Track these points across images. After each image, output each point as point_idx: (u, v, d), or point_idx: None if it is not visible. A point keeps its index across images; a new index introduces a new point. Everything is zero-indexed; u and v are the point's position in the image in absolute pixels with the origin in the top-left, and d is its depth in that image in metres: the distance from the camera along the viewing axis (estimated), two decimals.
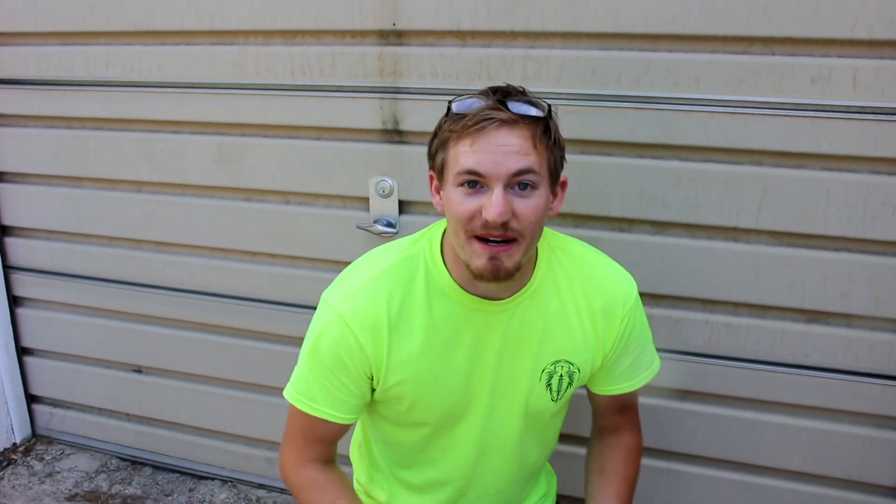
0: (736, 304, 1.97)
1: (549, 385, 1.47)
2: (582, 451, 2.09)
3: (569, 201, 1.80)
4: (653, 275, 1.96)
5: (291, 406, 1.47)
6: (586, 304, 1.46)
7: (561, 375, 1.47)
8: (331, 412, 1.44)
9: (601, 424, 1.68)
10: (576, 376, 1.48)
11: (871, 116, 1.73)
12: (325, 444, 1.51)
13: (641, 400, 2.06)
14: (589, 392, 1.63)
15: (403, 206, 2.13)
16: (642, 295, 1.70)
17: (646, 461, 2.14)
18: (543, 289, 1.44)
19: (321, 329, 1.41)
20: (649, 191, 1.92)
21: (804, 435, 2.02)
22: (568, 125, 1.88)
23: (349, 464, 1.80)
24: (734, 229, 1.90)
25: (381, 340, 1.38)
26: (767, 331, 1.96)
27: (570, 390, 1.51)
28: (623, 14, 1.81)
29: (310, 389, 1.44)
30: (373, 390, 1.46)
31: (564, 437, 1.82)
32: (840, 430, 1.99)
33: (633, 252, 1.61)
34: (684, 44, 1.80)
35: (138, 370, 2.67)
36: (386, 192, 2.10)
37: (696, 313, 2.00)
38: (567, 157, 1.90)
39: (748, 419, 2.04)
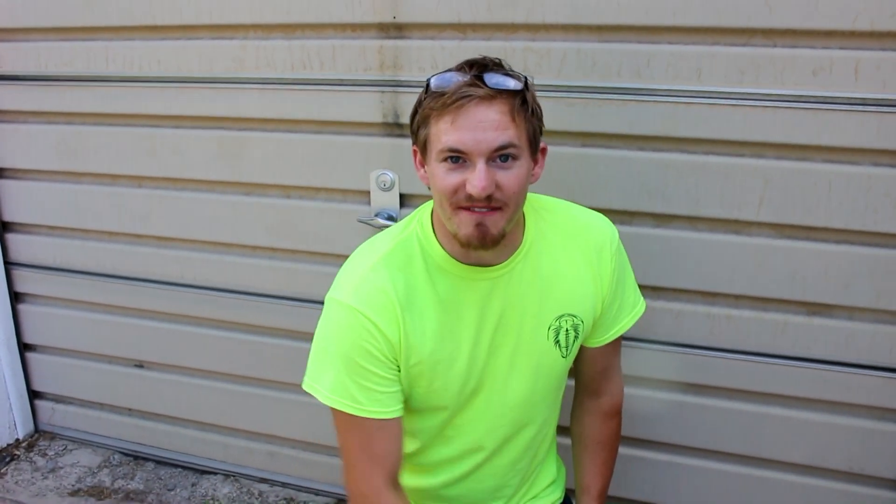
0: (737, 297, 1.97)
1: (557, 341, 1.49)
2: None
3: (570, 193, 1.80)
4: (654, 267, 1.96)
5: (340, 419, 1.42)
6: (581, 254, 1.50)
7: (567, 330, 1.50)
8: (377, 409, 1.41)
9: (583, 386, 1.73)
10: (580, 328, 1.51)
11: (872, 108, 1.72)
12: (390, 456, 1.46)
13: (643, 393, 2.07)
14: (583, 346, 1.63)
15: (404, 200, 2.13)
16: (644, 287, 1.71)
17: (648, 454, 2.16)
18: (535, 249, 1.47)
19: (339, 328, 1.41)
20: (650, 183, 1.91)
21: (806, 427, 2.01)
22: (569, 118, 1.90)
23: None
24: (735, 222, 1.90)
25: (396, 323, 1.40)
26: (769, 323, 1.96)
27: (577, 345, 1.54)
28: (624, 6, 1.80)
29: (350, 392, 1.40)
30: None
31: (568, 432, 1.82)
32: (841, 423, 1.99)
33: (634, 245, 1.61)
34: (685, 36, 1.80)
35: (140, 365, 2.68)
36: (387, 186, 2.10)
37: (698, 306, 2.00)
38: (568, 149, 1.92)
39: (750, 412, 2.04)
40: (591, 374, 1.68)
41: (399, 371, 1.44)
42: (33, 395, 2.93)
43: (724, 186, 1.87)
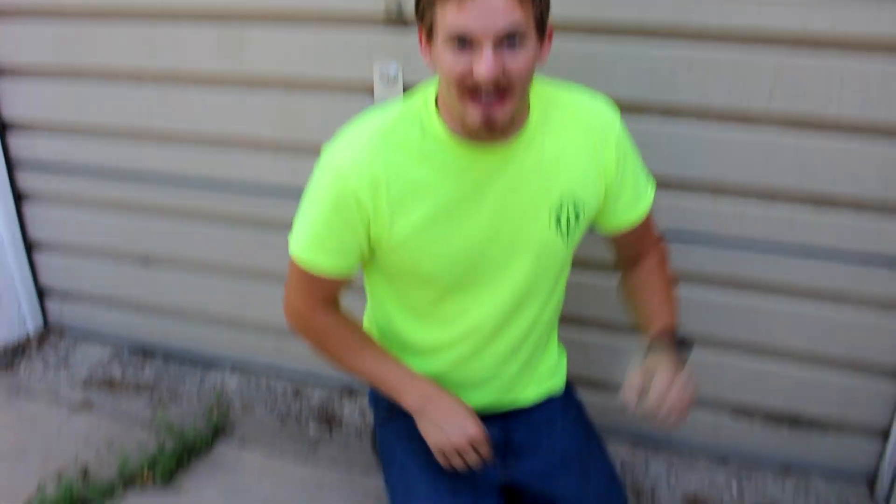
0: (745, 192, 1.96)
1: (558, 224, 1.50)
2: (586, 336, 2.14)
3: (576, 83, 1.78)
4: (661, 162, 1.94)
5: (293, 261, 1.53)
6: (584, 138, 1.50)
7: (568, 214, 1.50)
8: (326, 265, 1.49)
9: (625, 258, 1.72)
10: (582, 214, 1.52)
11: None
12: (330, 292, 1.58)
13: None
14: (607, 236, 1.66)
15: (408, 92, 2.10)
16: None
17: None
18: (539, 131, 1.47)
19: (320, 184, 1.45)
20: (659, 75, 1.89)
21: (809, 319, 2.05)
22: (576, 7, 1.85)
23: None
24: (744, 116, 1.87)
25: (380, 195, 1.41)
26: (776, 217, 1.96)
27: (579, 231, 1.55)
28: None
29: (308, 242, 1.48)
30: (372, 248, 1.49)
31: (569, 321, 1.84)
32: (845, 315, 2.01)
33: (641, 141, 1.59)
34: None
35: (146, 260, 2.69)
36: (390, 78, 2.07)
37: (705, 201, 2.00)
38: (574, 40, 1.88)
39: (753, 304, 2.07)
40: (625, 252, 1.69)
41: (370, 237, 1.47)
42: (42, 292, 2.96)
43: (734, 79, 1.84)
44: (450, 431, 1.57)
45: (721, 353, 2.16)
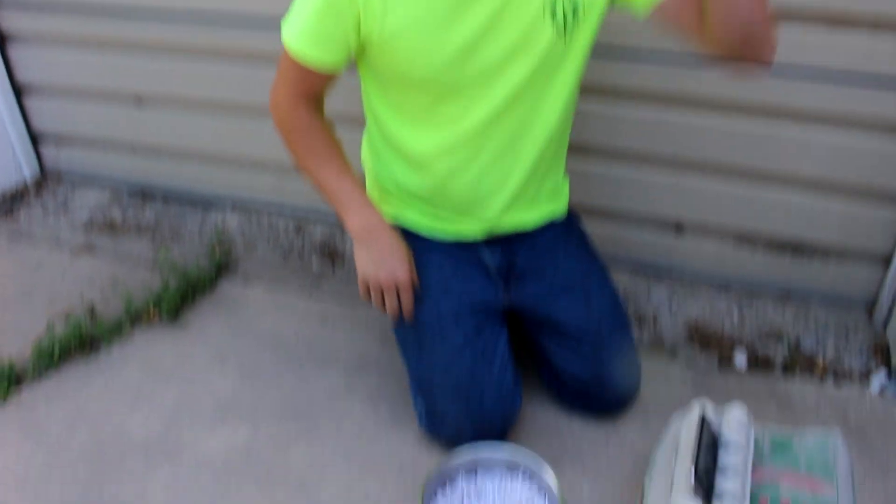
0: None
1: (553, 17, 1.45)
2: (589, 166, 2.11)
3: None
4: None
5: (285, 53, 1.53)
6: None
7: (563, 6, 1.45)
8: (314, 57, 1.48)
9: (692, 33, 1.44)
10: (580, 9, 1.46)
11: None
12: (315, 88, 1.59)
13: (648, 114, 2.04)
14: (654, 18, 1.47)
15: None
16: None
17: (651, 174, 2.17)
18: None
19: None
20: None
21: (817, 145, 2.01)
22: None
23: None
24: None
25: None
26: (788, 39, 1.87)
27: (580, 30, 1.50)
28: None
29: (300, 32, 1.47)
30: (362, 44, 1.48)
31: (572, 150, 1.81)
32: (853, 140, 1.97)
33: None
34: None
35: (139, 100, 2.63)
36: None
37: None
38: None
39: (761, 130, 2.03)
40: (687, 24, 1.42)
41: (359, 35, 1.45)
42: (35, 138, 2.92)
43: None
44: (381, 267, 1.62)
45: (725, 181, 2.13)
